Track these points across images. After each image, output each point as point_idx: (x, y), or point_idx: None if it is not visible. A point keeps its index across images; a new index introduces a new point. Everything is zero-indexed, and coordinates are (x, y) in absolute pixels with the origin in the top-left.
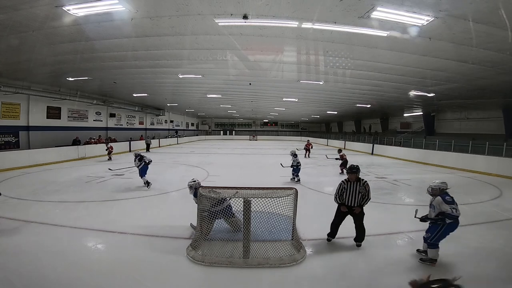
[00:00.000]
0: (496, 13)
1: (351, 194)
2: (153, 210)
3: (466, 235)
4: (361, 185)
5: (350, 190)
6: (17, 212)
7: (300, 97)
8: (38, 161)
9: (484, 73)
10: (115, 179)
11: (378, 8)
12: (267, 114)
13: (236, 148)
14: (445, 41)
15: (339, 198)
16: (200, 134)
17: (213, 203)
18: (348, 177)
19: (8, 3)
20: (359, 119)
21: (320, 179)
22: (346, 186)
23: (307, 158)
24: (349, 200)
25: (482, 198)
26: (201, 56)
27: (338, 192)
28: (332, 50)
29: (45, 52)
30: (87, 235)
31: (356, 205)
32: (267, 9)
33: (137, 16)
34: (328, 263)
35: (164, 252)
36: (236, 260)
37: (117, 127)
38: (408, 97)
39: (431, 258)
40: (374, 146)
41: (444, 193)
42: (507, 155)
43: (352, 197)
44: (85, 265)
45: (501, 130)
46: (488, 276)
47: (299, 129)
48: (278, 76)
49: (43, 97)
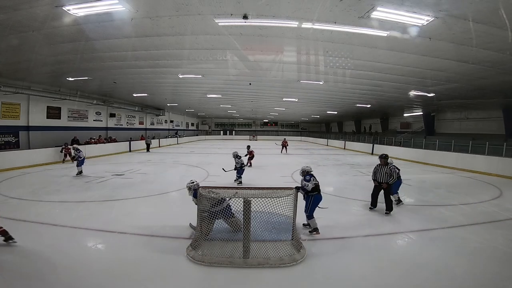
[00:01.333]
0: (496, 13)
1: (380, 174)
2: (153, 210)
3: (466, 235)
4: (387, 168)
5: (380, 172)
6: (17, 212)
7: (300, 97)
8: (38, 161)
9: (484, 73)
10: (115, 179)
11: (378, 8)
12: (267, 114)
13: (236, 148)
14: (445, 41)
15: (373, 176)
16: (200, 134)
17: (212, 204)
18: (380, 162)
19: (8, 3)
20: (359, 119)
21: (320, 179)
22: (377, 169)
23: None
24: (379, 178)
25: (482, 198)
26: (201, 56)
27: (372, 173)
28: (332, 50)
29: (45, 52)
30: (87, 235)
31: (384, 182)
32: (267, 9)
33: (137, 16)
34: (328, 263)
35: (164, 252)
36: (236, 260)
37: (117, 127)
38: (408, 97)
39: (313, 228)
40: (374, 146)
41: (306, 174)
42: (507, 155)
43: (381, 176)
44: (85, 265)
45: (501, 130)
46: (488, 276)
47: (299, 129)
48: (278, 76)
49: (43, 97)
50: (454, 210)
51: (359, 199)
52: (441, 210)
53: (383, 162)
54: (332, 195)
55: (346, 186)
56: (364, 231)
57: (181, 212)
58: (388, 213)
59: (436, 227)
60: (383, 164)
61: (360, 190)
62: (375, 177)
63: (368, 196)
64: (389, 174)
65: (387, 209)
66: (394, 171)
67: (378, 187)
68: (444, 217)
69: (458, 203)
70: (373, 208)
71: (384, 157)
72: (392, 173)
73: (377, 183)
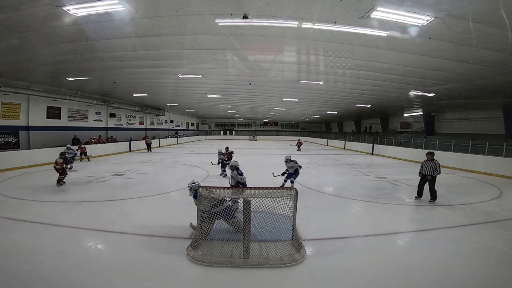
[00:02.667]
0: (496, 13)
1: (426, 168)
2: (153, 210)
3: (466, 235)
4: (433, 163)
5: (426, 166)
6: (17, 212)
7: (300, 97)
8: (38, 161)
9: (484, 73)
10: (115, 179)
11: (378, 8)
12: (267, 114)
13: (236, 148)
14: (445, 41)
15: (420, 169)
16: (200, 134)
17: (212, 204)
18: (427, 158)
19: (8, 3)
20: (359, 119)
21: (320, 179)
22: (424, 163)
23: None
24: (425, 171)
25: (482, 198)
26: (201, 56)
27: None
28: (332, 50)
29: (45, 52)
30: (87, 235)
31: (429, 174)
32: (267, 9)
33: (137, 16)
34: (328, 263)
35: (164, 252)
36: (236, 260)
37: (117, 127)
38: (408, 97)
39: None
40: (374, 146)
41: (288, 161)
42: (507, 155)
43: (426, 169)
44: (85, 265)
45: (501, 130)
46: (488, 276)
47: (299, 129)
48: (278, 76)
49: (43, 97)
50: (454, 210)
51: (359, 199)
52: (441, 210)
53: (429, 158)
54: (332, 195)
55: (346, 186)
56: (364, 231)
57: (181, 212)
58: (432, 201)
59: (436, 227)
60: (429, 160)
61: (360, 190)
62: (421, 170)
63: (368, 196)
64: (434, 168)
65: (431, 198)
66: (439, 166)
67: (423, 179)
68: (444, 217)
69: (458, 203)
70: (418, 198)
71: (430, 154)
72: (436, 167)
73: (422, 176)
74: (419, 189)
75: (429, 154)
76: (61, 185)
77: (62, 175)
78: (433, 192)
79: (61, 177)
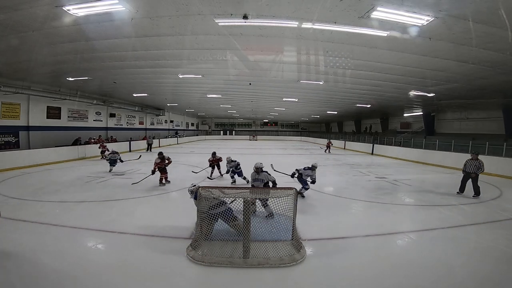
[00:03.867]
0: (496, 13)
1: (470, 166)
2: (153, 210)
3: (466, 235)
4: (477, 162)
5: (470, 164)
6: (17, 212)
7: (300, 97)
8: (38, 161)
9: (484, 73)
10: (115, 179)
11: (378, 8)
12: (267, 114)
13: (236, 148)
14: (445, 41)
15: (463, 167)
16: (200, 134)
17: (211, 205)
18: (471, 157)
19: (8, 3)
20: (359, 119)
21: (320, 179)
22: (468, 162)
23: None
24: (468, 169)
25: (482, 198)
26: (201, 56)
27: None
28: (332, 50)
29: (45, 52)
30: (87, 235)
31: (472, 172)
32: (267, 9)
33: (137, 16)
34: (328, 263)
35: (164, 252)
36: (236, 260)
37: (117, 127)
38: (408, 97)
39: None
40: (374, 146)
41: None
42: (507, 155)
43: (470, 167)
44: (85, 265)
45: (501, 130)
46: (488, 276)
47: (299, 129)
48: (278, 76)
49: (43, 97)
50: (454, 210)
51: (359, 199)
52: (441, 210)
53: (474, 157)
54: (332, 195)
55: (346, 186)
56: (364, 231)
57: (181, 212)
58: (476, 196)
59: (436, 227)
60: (474, 159)
61: (360, 190)
62: (465, 168)
63: (368, 196)
64: (478, 166)
65: (475, 193)
66: (483, 165)
67: (466, 176)
68: (444, 217)
69: (458, 203)
70: (460, 193)
71: (475, 153)
72: (480, 166)
73: (466, 173)
74: (461, 185)
75: (474, 154)
76: (163, 184)
77: (163, 174)
78: (477, 188)
79: (162, 176)
